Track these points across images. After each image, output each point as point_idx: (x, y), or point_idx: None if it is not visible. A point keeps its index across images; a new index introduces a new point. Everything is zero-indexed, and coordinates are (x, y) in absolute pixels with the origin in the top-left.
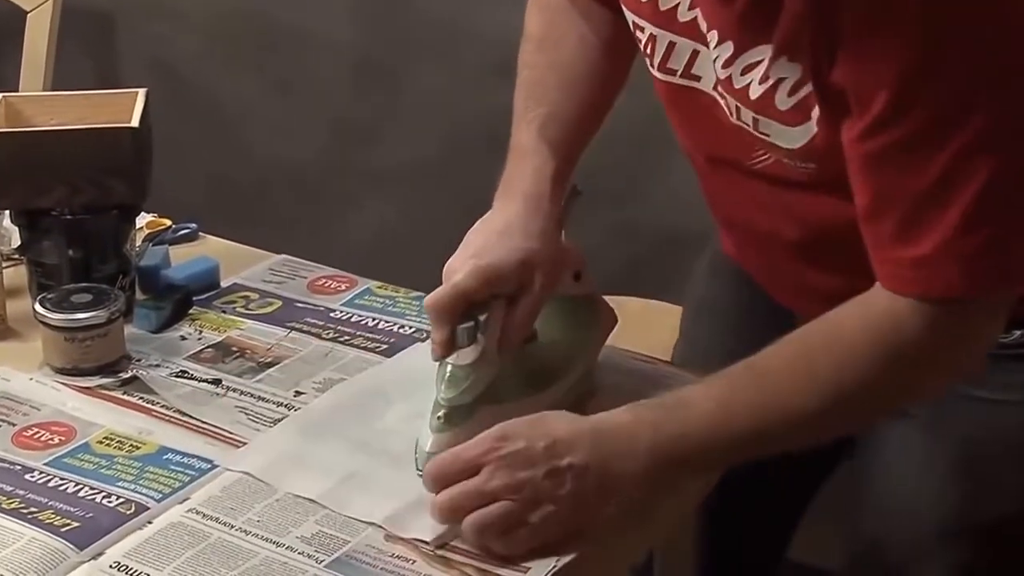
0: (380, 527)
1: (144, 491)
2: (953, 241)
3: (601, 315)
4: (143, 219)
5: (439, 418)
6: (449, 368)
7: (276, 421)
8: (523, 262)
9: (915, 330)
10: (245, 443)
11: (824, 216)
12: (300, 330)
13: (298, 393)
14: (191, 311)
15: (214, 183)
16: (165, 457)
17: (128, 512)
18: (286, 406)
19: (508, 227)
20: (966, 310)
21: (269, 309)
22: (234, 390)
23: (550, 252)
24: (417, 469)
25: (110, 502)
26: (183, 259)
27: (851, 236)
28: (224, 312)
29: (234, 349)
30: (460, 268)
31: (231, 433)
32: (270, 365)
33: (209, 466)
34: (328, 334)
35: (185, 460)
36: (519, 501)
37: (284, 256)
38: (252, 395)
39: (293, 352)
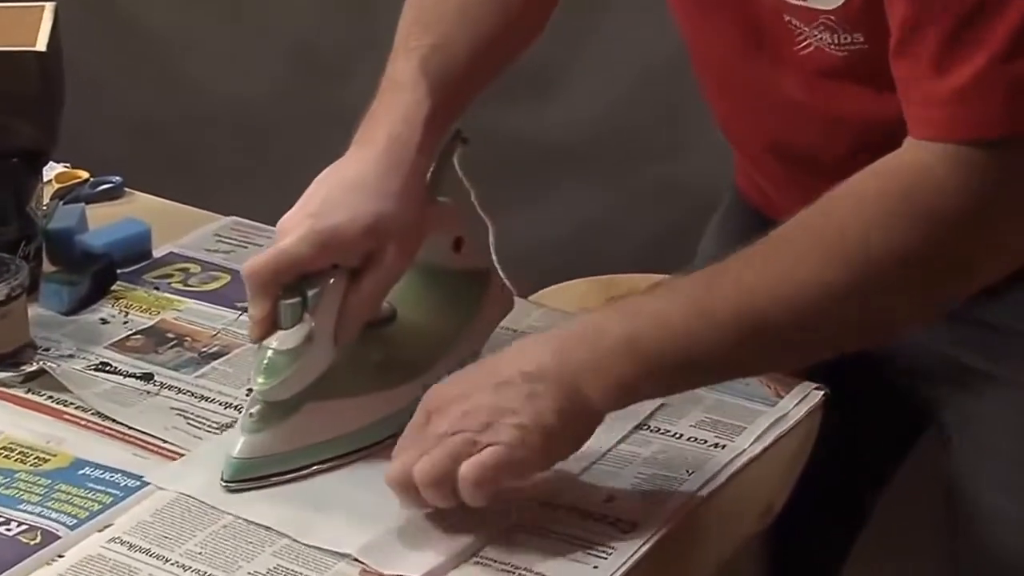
0: (355, 560)
1: (53, 516)
2: (997, 66)
3: (488, 295)
4: (52, 170)
5: (251, 415)
6: (268, 353)
7: (223, 427)
8: (372, 227)
9: (948, 181)
10: (183, 455)
11: (874, 114)
12: None
13: (251, 392)
14: (114, 287)
15: (145, 126)
16: (81, 472)
17: (33, 542)
18: (236, 408)
19: (359, 180)
20: (1007, 155)
21: (215, 285)
22: (169, 387)
23: (410, 216)
24: (222, 480)
25: (9, 530)
26: (104, 221)
27: (901, 140)
28: (157, 289)
29: (170, 336)
30: (293, 229)
31: (165, 442)
32: (216, 356)
33: (137, 484)
34: None
35: (106, 476)
36: (471, 428)
37: (233, 218)
38: (192, 394)
39: (245, 340)
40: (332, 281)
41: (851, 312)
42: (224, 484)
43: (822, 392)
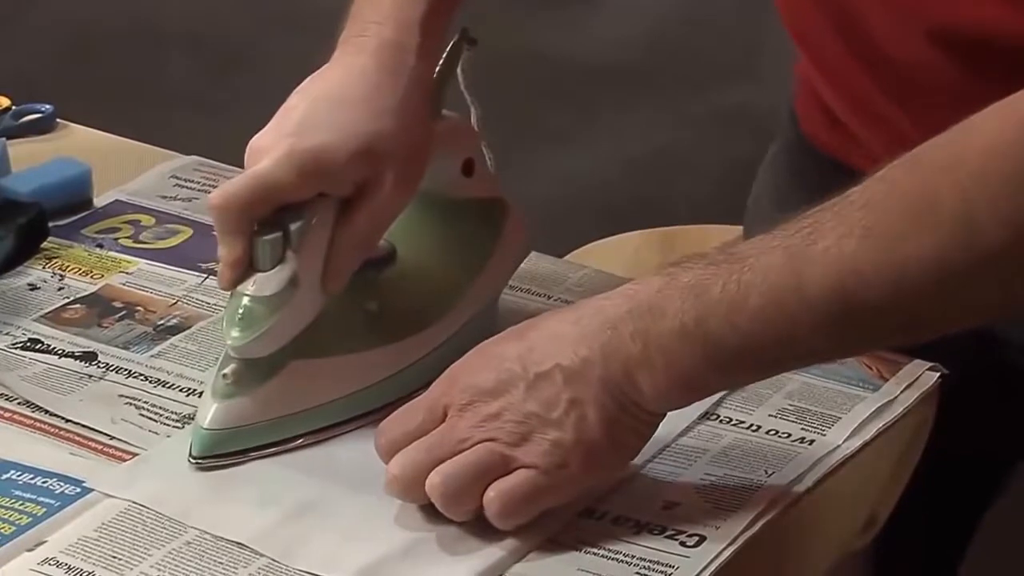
0: None
1: None
2: None
3: (506, 230)
4: None
5: (225, 376)
6: (244, 301)
7: (185, 420)
8: (366, 149)
9: None
10: (136, 454)
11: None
12: None
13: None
14: (45, 244)
15: (81, 40)
16: (5, 477)
17: None
18: (200, 395)
19: (349, 93)
20: None
21: (173, 241)
22: (117, 370)
23: (412, 135)
24: (190, 457)
25: None
26: (31, 161)
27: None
28: (100, 246)
29: (117, 305)
30: (268, 150)
31: (112, 438)
32: (175, 331)
33: (77, 491)
34: None
35: (38, 481)
36: (500, 438)
37: (195, 157)
38: (146, 378)
39: (212, 309)
40: (319, 214)
41: (972, 293)
42: (192, 461)
43: (937, 374)
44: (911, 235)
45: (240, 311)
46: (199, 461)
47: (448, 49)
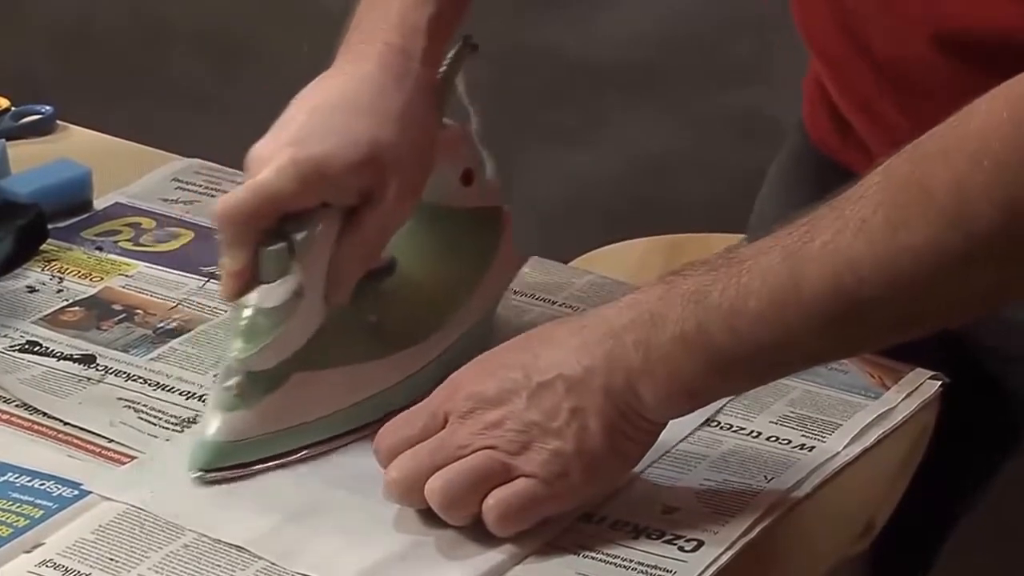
0: None
1: None
2: None
3: (504, 240)
4: None
5: (229, 388)
6: (248, 313)
7: (184, 423)
8: (369, 158)
9: None
10: (134, 457)
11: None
12: None
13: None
14: (44, 247)
15: (81, 39)
16: (3, 479)
17: None
18: (200, 398)
19: (351, 100)
20: None
21: (173, 245)
22: (116, 373)
23: (416, 142)
24: (195, 469)
25: None
26: (31, 163)
27: None
28: (100, 249)
29: (116, 308)
30: (271, 159)
31: (111, 441)
32: (175, 334)
33: (75, 493)
34: None
35: (35, 484)
36: (501, 446)
37: (197, 160)
38: (145, 381)
39: (212, 313)
40: (322, 224)
41: (968, 280)
42: (200, 473)
43: (939, 382)
44: (906, 224)
45: (244, 323)
46: (204, 473)
47: (451, 55)
